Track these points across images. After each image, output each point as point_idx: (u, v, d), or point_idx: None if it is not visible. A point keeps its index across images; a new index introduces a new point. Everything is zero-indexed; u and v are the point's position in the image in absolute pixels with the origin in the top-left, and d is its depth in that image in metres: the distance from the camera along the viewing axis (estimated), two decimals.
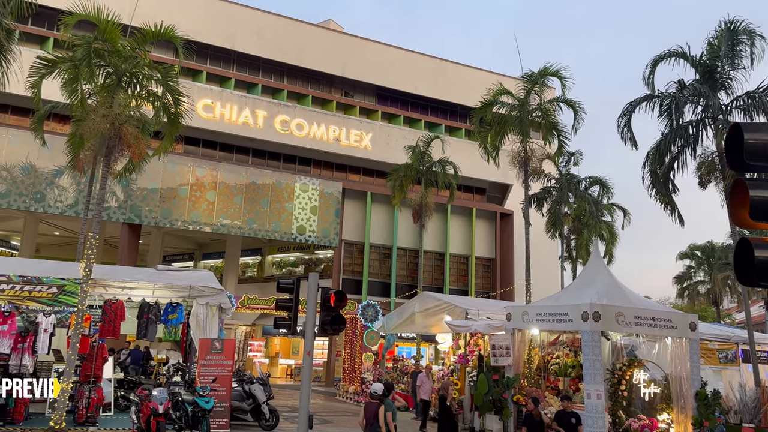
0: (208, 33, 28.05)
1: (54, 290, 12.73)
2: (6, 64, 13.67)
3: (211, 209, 26.49)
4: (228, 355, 13.32)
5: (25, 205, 23.62)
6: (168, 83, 14.63)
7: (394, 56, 33.73)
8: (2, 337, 12.32)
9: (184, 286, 14.15)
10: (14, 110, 25.14)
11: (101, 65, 14.02)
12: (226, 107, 27.97)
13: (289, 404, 19.19)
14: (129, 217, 24.93)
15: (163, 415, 10.88)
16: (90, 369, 13.44)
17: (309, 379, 9.82)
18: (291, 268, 33.10)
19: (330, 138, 30.08)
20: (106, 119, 13.17)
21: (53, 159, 22.92)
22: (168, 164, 24.81)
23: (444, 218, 31.72)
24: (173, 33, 14.12)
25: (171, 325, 14.00)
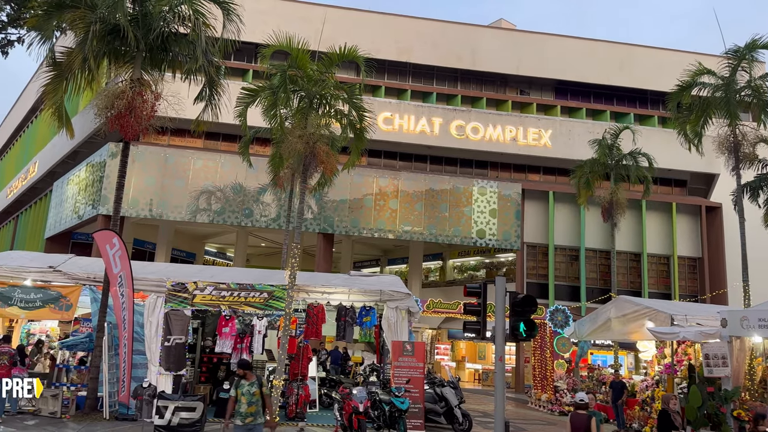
0: (386, 50, 29.30)
1: (265, 296, 14.10)
2: (217, 97, 15.51)
3: (394, 217, 27.51)
4: (419, 357, 13.63)
5: (236, 221, 26.67)
6: (353, 101, 15.50)
7: (571, 47, 32.12)
8: (225, 338, 13.98)
9: (375, 290, 14.84)
10: (224, 137, 28.56)
11: (295, 90, 15.30)
12: (404, 118, 28.89)
13: (479, 409, 19.10)
14: (323, 228, 26.88)
15: (363, 414, 11.46)
16: (297, 368, 14.67)
17: (503, 385, 9.63)
18: (472, 272, 33.03)
19: (507, 138, 29.52)
20: (301, 139, 14.33)
21: (258, 178, 25.61)
22: (354, 176, 26.28)
23: (639, 215, 29.27)
24: (356, 53, 14.93)
25: (365, 328, 14.73)
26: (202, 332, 15.81)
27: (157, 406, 10.85)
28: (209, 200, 26.53)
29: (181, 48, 14.55)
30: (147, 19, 13.65)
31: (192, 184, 26.40)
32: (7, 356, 12.06)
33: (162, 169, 26.36)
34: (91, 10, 13.30)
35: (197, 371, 15.45)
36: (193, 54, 13.88)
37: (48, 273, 13.83)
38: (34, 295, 13.39)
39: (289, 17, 27.40)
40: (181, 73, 15.06)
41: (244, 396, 7.92)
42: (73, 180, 30.08)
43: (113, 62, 14.58)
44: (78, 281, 13.84)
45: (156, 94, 13.90)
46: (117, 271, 12.85)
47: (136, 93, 13.41)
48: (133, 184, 25.31)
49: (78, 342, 13.96)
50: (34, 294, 13.40)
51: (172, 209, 26.07)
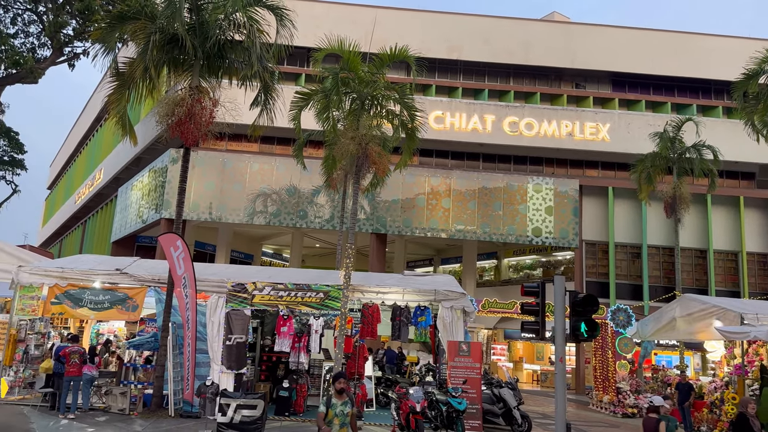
0: (436, 48, 29.20)
1: (321, 296, 14.28)
2: (272, 102, 15.81)
3: (446, 216, 27.34)
4: (475, 357, 13.50)
5: (292, 222, 27.14)
6: (404, 101, 15.53)
7: (628, 37, 31.11)
8: (284, 337, 14.24)
9: (429, 290, 14.78)
10: (279, 141, 29.12)
11: (347, 92, 15.46)
12: (455, 116, 28.69)
13: (538, 410, 18.74)
14: (376, 228, 27.01)
15: (420, 414, 11.44)
16: (354, 367, 14.80)
17: (563, 386, 9.42)
18: (528, 271, 32.44)
19: (562, 134, 28.87)
20: (354, 141, 14.47)
21: (311, 180, 25.99)
22: (406, 176, 26.29)
23: (704, 210, 28.04)
24: (407, 53, 14.95)
25: (420, 327, 14.70)
26: (261, 331, 16.18)
27: (219, 404, 11.16)
28: (265, 203, 27.10)
29: (237, 55, 14.92)
30: (204, 28, 14.06)
31: (249, 188, 27.04)
32: (77, 355, 12.67)
33: (220, 173, 27.11)
34: (151, 21, 13.81)
35: (257, 370, 15.81)
36: (249, 60, 14.20)
37: (115, 275, 14.44)
38: (102, 296, 14.03)
39: (340, 20, 27.69)
40: (237, 80, 15.44)
41: (338, 417, 7.26)
42: (137, 185, 31.34)
43: (173, 71, 15.08)
44: (143, 283, 14.40)
45: (214, 101, 14.30)
46: (181, 272, 13.30)
47: (195, 100, 13.83)
48: (193, 188, 26.14)
49: (144, 341, 14.53)
50: (102, 296, 14.04)
51: (231, 212, 26.78)
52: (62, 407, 12.46)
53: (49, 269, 14.50)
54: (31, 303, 14.12)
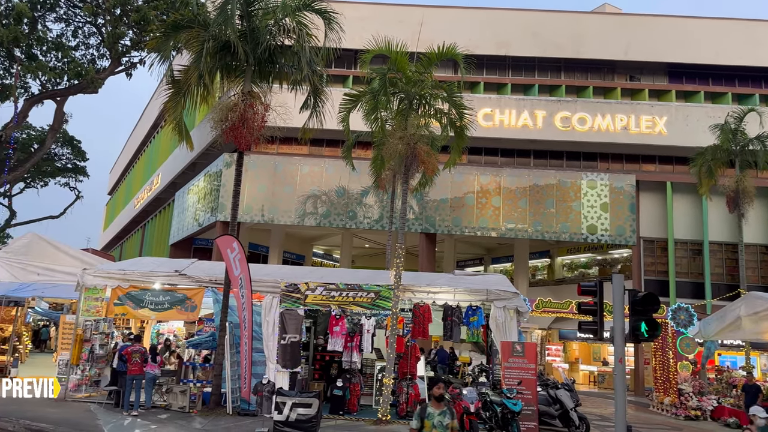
0: (484, 45, 28.87)
1: (372, 295, 14.35)
2: (321, 105, 16.00)
3: (497, 214, 27.00)
4: (530, 358, 13.27)
5: (341, 223, 27.38)
6: (452, 99, 15.42)
7: (685, 27, 29.94)
8: (336, 337, 14.37)
9: (481, 290, 14.63)
10: (328, 143, 29.42)
11: (395, 92, 15.47)
12: (504, 113, 28.30)
13: (596, 412, 18.28)
14: (425, 227, 26.93)
15: (474, 414, 11.33)
16: (406, 367, 14.78)
17: (623, 388, 9.16)
18: (583, 270, 31.67)
19: (617, 128, 28.04)
20: (402, 140, 14.46)
21: (360, 181, 26.16)
22: (455, 175, 26.12)
23: None
24: (454, 51, 14.85)
25: (472, 327, 14.55)
26: (314, 331, 16.39)
27: (276, 402, 11.36)
28: (315, 204, 27.45)
29: (287, 59, 15.17)
30: (254, 34, 14.35)
31: (299, 190, 27.44)
32: (139, 354, 13.14)
33: (272, 176, 27.62)
34: (204, 29, 14.20)
35: (311, 369, 16.02)
36: (298, 64, 14.40)
37: (174, 277, 14.91)
38: (162, 297, 14.51)
39: (387, 21, 27.74)
40: (287, 84, 15.70)
41: (437, 429, 6.25)
42: (193, 189, 32.29)
43: (225, 77, 15.47)
44: (201, 284, 14.81)
45: (265, 106, 14.58)
46: (237, 273, 13.62)
47: (247, 105, 14.13)
48: (246, 191, 26.72)
49: (202, 341, 14.94)
50: (162, 296, 14.52)
51: (282, 214, 27.24)
52: (126, 405, 12.96)
53: (112, 272, 15.11)
54: (96, 304, 14.75)
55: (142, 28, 22.50)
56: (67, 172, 42.91)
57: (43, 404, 13.30)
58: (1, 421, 11.47)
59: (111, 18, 22.68)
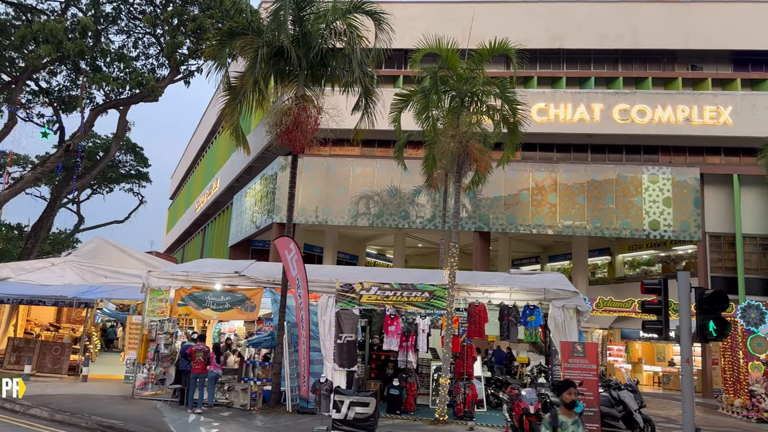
0: (537, 38, 28.33)
1: (426, 295, 14.31)
2: (372, 106, 16.07)
3: (553, 211, 26.43)
4: (591, 358, 12.91)
5: (394, 223, 27.44)
6: (505, 95, 15.21)
7: (750, 12, 28.46)
8: (391, 336, 14.40)
9: (538, 289, 14.34)
10: (379, 143, 29.55)
11: (446, 90, 15.38)
12: (559, 107, 27.68)
13: (662, 414, 17.63)
14: (479, 226, 26.65)
15: (534, 416, 11.12)
16: (462, 367, 14.68)
17: (691, 389, 8.79)
18: (646, 267, 30.61)
19: (679, 119, 26.95)
20: (454, 139, 14.36)
21: (412, 181, 26.14)
22: (509, 172, 25.73)
23: None
24: (506, 46, 14.65)
25: (530, 327, 14.30)
26: (369, 330, 16.49)
27: (333, 401, 11.49)
28: (368, 204, 27.61)
29: (338, 62, 15.33)
30: (307, 39, 14.56)
31: (352, 191, 27.68)
32: (202, 353, 13.56)
33: (325, 178, 27.97)
34: (258, 35, 14.51)
35: (367, 368, 16.12)
36: (350, 67, 14.53)
37: (234, 278, 15.30)
38: (223, 298, 14.92)
39: (436, 20, 27.63)
40: (339, 87, 15.85)
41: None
42: (250, 193, 33.08)
43: (279, 82, 15.76)
44: (259, 284, 15.13)
45: (318, 109, 14.76)
46: (295, 274, 13.86)
47: (301, 109, 14.35)
48: (300, 193, 27.16)
49: (262, 340, 15.28)
50: (223, 297, 14.93)
51: (335, 215, 27.54)
52: (190, 402, 13.40)
53: (175, 273, 15.64)
54: (160, 305, 15.31)
55: (198, 37, 23.21)
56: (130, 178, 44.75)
57: (113, 401, 13.91)
58: (75, 417, 12.07)
59: (169, 28, 23.50)
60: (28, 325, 21.99)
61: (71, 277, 20.20)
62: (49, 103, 26.80)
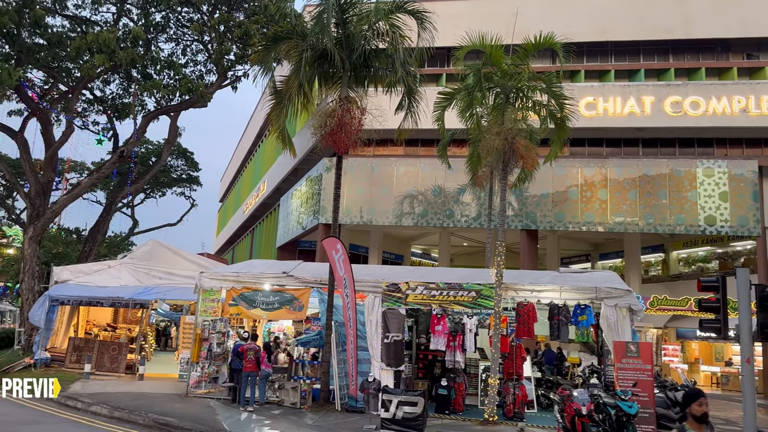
0: (583, 31, 27.68)
1: (473, 294, 14.18)
2: (415, 105, 16.06)
3: (603, 208, 25.79)
4: (645, 359, 12.55)
5: (438, 222, 27.32)
6: (552, 90, 14.94)
7: None
8: (439, 336, 14.35)
9: (589, 287, 14.02)
10: (423, 143, 29.46)
11: (490, 87, 15.21)
12: (608, 101, 26.98)
13: (720, 416, 16.97)
14: (526, 224, 26.26)
15: (586, 417, 10.89)
16: (512, 367, 14.50)
17: (752, 390, 8.46)
18: (702, 264, 29.52)
19: (734, 110, 25.86)
20: (499, 136, 14.18)
21: (456, 179, 25.95)
22: (556, 168, 25.24)
23: None
24: (552, 40, 14.39)
25: (581, 327, 13.99)
26: (416, 330, 16.47)
27: (382, 400, 11.53)
28: (412, 204, 27.59)
29: (381, 63, 15.38)
30: (350, 41, 14.67)
31: (396, 190, 27.70)
32: (253, 352, 13.83)
33: (369, 178, 28.10)
34: (302, 39, 14.71)
35: (414, 367, 16.11)
36: (392, 67, 14.56)
37: (282, 278, 15.55)
38: (272, 297, 15.18)
39: (479, 16, 27.36)
40: (382, 87, 15.91)
41: None
42: (296, 194, 33.55)
43: (323, 84, 15.93)
44: (307, 284, 15.33)
45: (362, 110, 14.85)
46: (342, 274, 13.98)
47: (344, 110, 14.47)
48: (345, 193, 27.35)
49: (310, 339, 15.48)
50: (272, 297, 15.19)
51: (380, 215, 27.63)
52: (242, 400, 13.69)
53: (226, 274, 16.01)
54: (212, 305, 15.71)
55: (244, 43, 23.65)
56: (182, 182, 46.00)
57: (168, 399, 14.35)
58: (133, 414, 12.51)
59: (216, 35, 24.05)
60: (87, 326, 22.92)
61: (127, 278, 20.95)
62: (103, 111, 27.83)
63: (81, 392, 14.78)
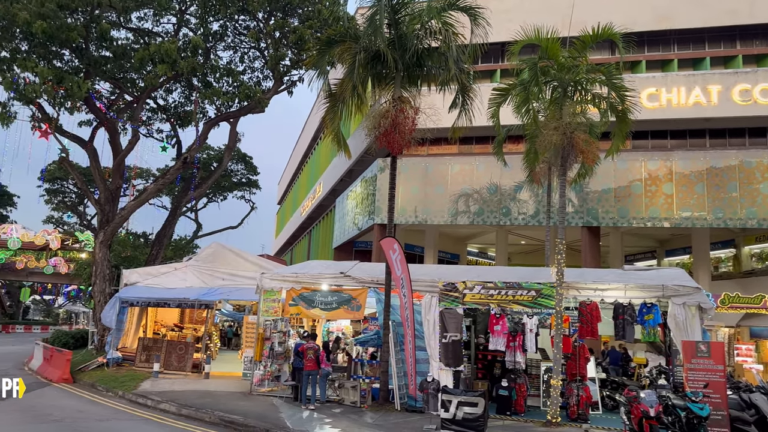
0: (643, 20, 26.73)
1: (533, 294, 13.91)
2: (470, 102, 15.91)
3: (669, 203, 24.79)
4: (717, 359, 11.98)
5: (495, 220, 26.95)
6: (612, 82, 14.51)
7: None
8: (498, 336, 14.15)
9: (656, 285, 13.51)
10: (477, 140, 29.15)
11: (547, 81, 14.90)
12: (672, 91, 25.92)
13: None
14: (587, 221, 25.56)
15: (654, 419, 10.51)
16: (575, 368, 14.14)
17: None
18: None
19: None
20: (557, 131, 13.86)
21: (512, 176, 25.55)
22: (618, 162, 24.46)
23: None
24: (612, 31, 13.98)
25: (648, 326, 13.51)
26: (474, 330, 16.31)
27: (441, 400, 11.49)
28: (467, 203, 27.34)
29: (434, 61, 15.32)
30: (402, 41, 14.68)
31: (451, 189, 27.53)
32: (312, 351, 14.05)
33: (423, 177, 28.04)
34: (355, 41, 14.84)
35: (474, 368, 15.96)
36: (446, 65, 14.48)
37: (339, 278, 15.73)
38: (330, 297, 15.37)
39: (533, 10, 26.81)
40: (435, 85, 15.85)
41: None
42: (351, 195, 33.86)
43: (376, 85, 16.01)
44: (364, 284, 15.45)
45: (415, 109, 14.84)
46: (399, 273, 14.02)
47: (398, 110, 14.50)
48: (400, 193, 27.37)
49: (368, 338, 15.59)
50: (330, 297, 15.38)
51: (435, 214, 27.52)
52: (303, 399, 13.93)
53: (286, 275, 16.33)
54: (273, 305, 16.06)
55: (299, 48, 24.09)
56: (242, 186, 47.29)
57: (233, 398, 14.77)
58: (200, 412, 12.94)
59: (272, 41, 24.59)
60: (156, 326, 23.87)
61: (192, 280, 21.69)
62: (166, 119, 28.96)
63: (150, 390, 15.42)
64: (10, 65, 20.77)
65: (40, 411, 12.90)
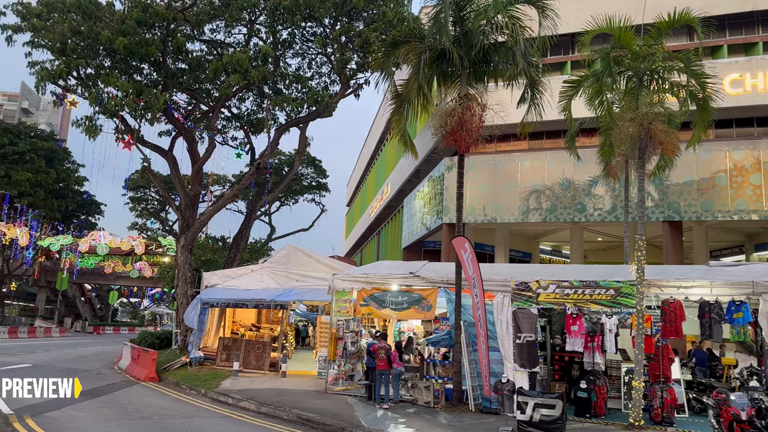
0: (723, 2, 25.26)
1: (611, 292, 13.41)
2: (539, 96, 15.53)
3: (757, 194, 23.28)
4: None
5: (569, 217, 26.20)
6: (691, 69, 13.81)
7: None
8: (575, 336, 13.73)
9: (745, 282, 12.70)
10: (548, 135, 28.45)
11: (621, 71, 14.35)
12: (757, 76, 24.33)
13: None
14: (668, 215, 24.40)
15: (746, 423, 9.90)
16: (658, 369, 13.53)
17: None
18: None
19: None
20: (633, 122, 13.29)
21: (587, 171, 24.75)
22: (700, 153, 23.18)
23: None
24: (689, 16, 13.30)
25: (737, 325, 12.71)
26: (549, 330, 15.91)
27: (517, 402, 11.28)
28: (539, 199, 26.71)
29: (501, 56, 15.08)
30: (468, 37, 14.54)
31: (521, 186, 27.00)
32: (384, 350, 14.14)
33: (492, 175, 27.65)
34: (420, 41, 14.82)
35: (550, 369, 15.56)
36: (513, 59, 14.20)
37: (409, 278, 15.75)
38: (401, 297, 15.42)
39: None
40: (502, 81, 15.58)
41: None
42: (418, 195, 33.85)
43: (442, 84, 15.92)
44: (433, 284, 15.40)
45: (482, 106, 14.63)
46: (471, 273, 13.89)
47: (464, 108, 14.34)
48: (468, 192, 27.10)
49: (440, 338, 15.52)
50: (401, 297, 15.43)
51: (505, 212, 27.07)
52: (377, 398, 14.05)
53: (356, 275, 16.54)
54: (345, 305, 16.30)
55: (365, 51, 24.33)
56: (312, 189, 48.28)
57: (309, 396, 15.09)
58: (278, 410, 13.31)
59: (338, 46, 24.96)
60: (234, 326, 24.76)
61: (268, 281, 22.35)
62: (240, 127, 29.99)
63: (231, 389, 16.00)
64: (95, 81, 22.15)
65: (129, 408, 13.66)
